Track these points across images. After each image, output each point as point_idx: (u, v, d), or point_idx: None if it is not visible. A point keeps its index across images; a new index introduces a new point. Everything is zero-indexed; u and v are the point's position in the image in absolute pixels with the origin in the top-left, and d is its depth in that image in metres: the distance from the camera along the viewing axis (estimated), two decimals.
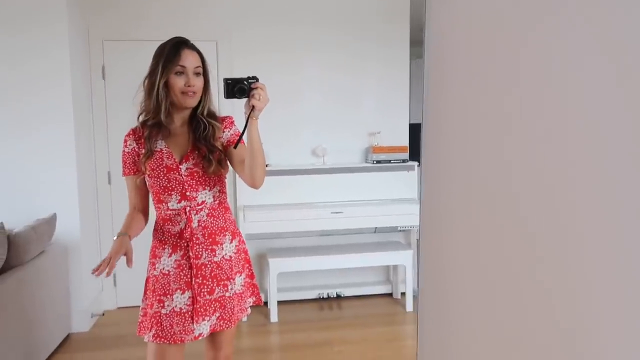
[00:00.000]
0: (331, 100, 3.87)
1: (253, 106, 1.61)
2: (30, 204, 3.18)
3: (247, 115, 1.64)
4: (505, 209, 0.59)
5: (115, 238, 1.68)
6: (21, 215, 3.08)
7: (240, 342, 3.20)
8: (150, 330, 1.71)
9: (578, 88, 0.48)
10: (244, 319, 3.46)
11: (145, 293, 1.81)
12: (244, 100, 1.66)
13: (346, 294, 3.89)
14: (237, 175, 3.22)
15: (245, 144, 1.70)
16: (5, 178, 3.20)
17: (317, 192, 3.72)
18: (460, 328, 0.73)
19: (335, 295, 3.83)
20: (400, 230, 4.00)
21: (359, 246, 3.80)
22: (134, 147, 1.76)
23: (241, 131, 1.70)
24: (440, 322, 0.78)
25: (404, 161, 3.80)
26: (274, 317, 3.52)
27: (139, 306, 1.85)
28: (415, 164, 3.83)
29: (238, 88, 1.63)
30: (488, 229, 0.63)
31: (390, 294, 3.99)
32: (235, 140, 1.75)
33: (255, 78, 1.66)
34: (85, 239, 3.40)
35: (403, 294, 3.85)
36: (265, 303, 3.71)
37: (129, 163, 1.77)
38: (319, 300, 3.86)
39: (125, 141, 1.78)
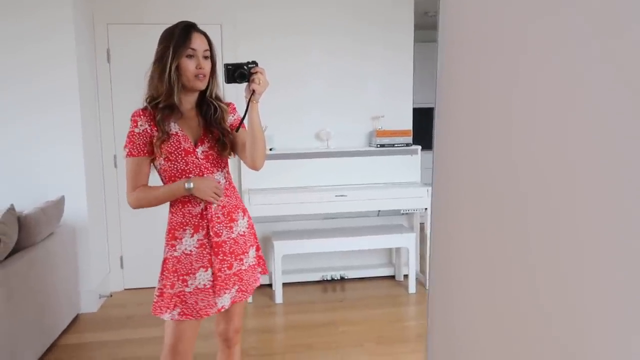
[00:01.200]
0: (335, 84, 3.88)
1: (253, 90, 1.68)
2: (38, 187, 3.22)
3: (247, 100, 1.69)
4: (517, 197, 0.59)
5: (190, 185, 1.71)
6: (29, 197, 3.12)
7: (246, 322, 3.26)
8: (174, 309, 1.75)
9: (602, 78, 0.47)
10: (250, 299, 3.52)
11: (162, 273, 1.82)
12: (245, 84, 1.72)
13: (349, 276, 3.94)
14: (241, 161, 3.26)
15: (246, 127, 1.76)
16: (13, 161, 3.23)
17: (321, 176, 3.75)
18: (469, 313, 0.73)
19: (338, 278, 3.88)
20: (403, 214, 4.04)
21: (363, 229, 3.84)
22: (145, 128, 1.73)
23: (242, 115, 1.76)
24: (449, 308, 0.79)
25: (407, 145, 3.82)
26: (278, 298, 3.58)
27: (145, 288, 1.89)
28: (419, 147, 3.85)
29: (238, 73, 1.69)
30: (498, 216, 0.63)
31: (393, 277, 4.05)
32: (237, 125, 1.82)
33: (254, 63, 1.71)
34: (93, 221, 3.45)
35: (406, 276, 3.90)
36: (270, 285, 3.77)
37: (139, 144, 1.73)
38: (322, 282, 3.91)
39: (136, 121, 1.73)
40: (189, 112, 1.80)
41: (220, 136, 1.78)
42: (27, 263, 2.59)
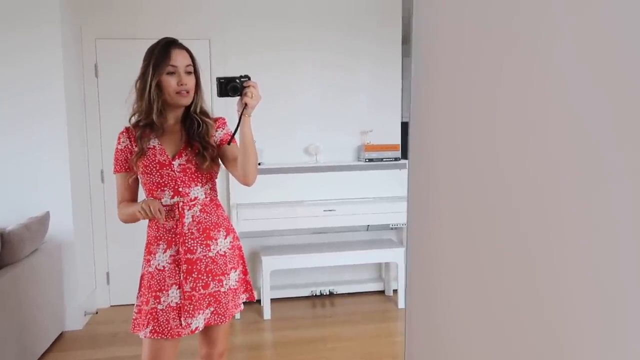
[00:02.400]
0: (324, 98, 3.89)
1: (246, 104, 1.67)
2: (23, 203, 3.18)
3: (239, 113, 1.69)
4: (494, 206, 0.60)
5: (143, 202, 1.71)
6: (14, 213, 3.08)
7: (234, 339, 3.22)
8: (147, 327, 1.73)
9: (565, 86, 0.48)
10: (237, 315, 3.48)
11: (140, 290, 1.82)
12: (237, 98, 1.71)
13: (339, 292, 3.91)
14: (230, 174, 3.26)
15: (238, 141, 1.75)
16: None
17: (310, 190, 3.74)
18: (449, 325, 0.73)
19: (328, 293, 3.85)
20: (392, 228, 4.03)
21: (352, 244, 3.83)
22: (127, 145, 1.78)
23: (234, 129, 1.75)
24: (428, 320, 0.78)
25: (396, 159, 3.83)
26: (267, 314, 3.54)
27: (132, 304, 1.86)
28: (407, 162, 3.85)
29: (231, 86, 1.68)
30: (476, 227, 0.63)
31: (383, 292, 4.03)
32: (228, 139, 1.81)
33: (247, 76, 1.71)
34: (79, 238, 3.40)
35: (395, 291, 3.88)
36: (259, 301, 3.73)
37: (121, 160, 1.79)
38: (311, 297, 3.88)
39: (119, 138, 1.80)
40: (173, 127, 1.80)
41: (200, 149, 1.75)
42: (10, 280, 2.54)
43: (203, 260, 1.78)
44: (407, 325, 0.84)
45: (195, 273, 1.76)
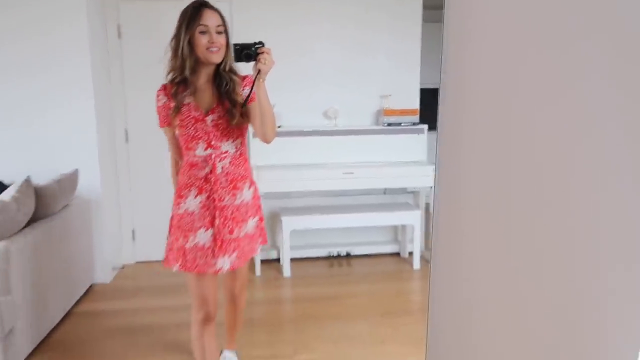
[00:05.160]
0: (343, 59, 3.89)
1: (259, 70, 1.79)
2: (53, 161, 3.31)
3: (254, 78, 1.84)
4: (524, 178, 0.58)
5: None
6: (44, 171, 3.21)
7: (255, 294, 3.36)
8: (177, 262, 1.97)
9: (609, 63, 0.48)
10: (257, 272, 3.62)
11: (170, 229, 2.04)
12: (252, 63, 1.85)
13: (355, 253, 4.02)
14: (250, 138, 3.36)
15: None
16: (29, 136, 3.32)
17: (328, 153, 3.80)
18: (471, 290, 0.73)
19: (345, 254, 3.96)
20: (409, 192, 4.09)
21: (369, 206, 3.91)
22: (165, 102, 1.97)
23: (249, 90, 1.90)
24: (451, 280, 0.78)
25: (414, 124, 3.86)
26: (287, 272, 3.67)
27: (156, 261, 2.07)
28: (425, 127, 3.88)
29: (245, 53, 1.81)
30: (505, 197, 0.62)
31: (398, 254, 4.12)
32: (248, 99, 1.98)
33: (261, 43, 1.84)
34: (106, 195, 3.53)
35: (410, 253, 3.97)
36: (278, 259, 3.86)
37: (163, 115, 1.99)
38: (329, 258, 4.00)
39: (158, 96, 1.98)
40: (205, 85, 1.95)
41: (230, 107, 1.91)
42: (44, 233, 2.67)
43: (229, 208, 1.97)
44: (432, 282, 0.85)
45: (222, 219, 1.96)
